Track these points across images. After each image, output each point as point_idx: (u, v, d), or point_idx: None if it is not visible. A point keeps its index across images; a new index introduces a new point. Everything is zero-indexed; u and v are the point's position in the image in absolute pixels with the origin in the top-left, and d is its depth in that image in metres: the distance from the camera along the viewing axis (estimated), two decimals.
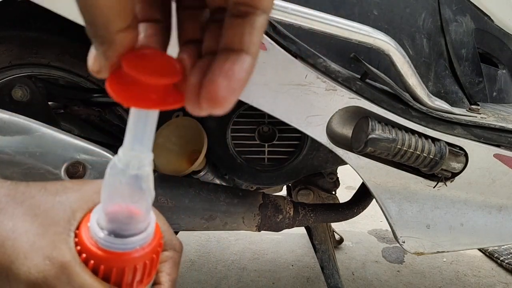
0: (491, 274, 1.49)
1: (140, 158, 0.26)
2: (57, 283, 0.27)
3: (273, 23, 0.62)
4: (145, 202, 0.28)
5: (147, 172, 0.27)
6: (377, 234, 1.74)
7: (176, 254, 0.34)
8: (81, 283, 0.27)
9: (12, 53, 0.90)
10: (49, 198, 0.30)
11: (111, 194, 0.27)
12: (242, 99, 0.66)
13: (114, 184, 0.27)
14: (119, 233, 0.28)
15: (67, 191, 0.31)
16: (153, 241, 0.29)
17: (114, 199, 0.27)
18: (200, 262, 1.46)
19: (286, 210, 0.84)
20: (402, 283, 1.40)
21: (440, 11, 0.79)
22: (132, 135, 0.26)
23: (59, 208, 0.29)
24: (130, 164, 0.26)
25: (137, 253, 0.28)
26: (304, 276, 1.41)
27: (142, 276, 0.29)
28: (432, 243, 0.79)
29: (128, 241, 0.28)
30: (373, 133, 0.66)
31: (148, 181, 0.27)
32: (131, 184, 0.26)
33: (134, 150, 0.26)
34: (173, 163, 0.89)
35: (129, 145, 0.26)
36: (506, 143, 0.73)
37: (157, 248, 0.30)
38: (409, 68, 0.65)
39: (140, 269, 0.29)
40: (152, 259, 0.29)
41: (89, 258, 0.28)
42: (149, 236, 0.29)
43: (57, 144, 0.56)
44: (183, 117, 0.91)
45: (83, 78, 0.94)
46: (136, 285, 0.29)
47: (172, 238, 0.34)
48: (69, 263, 0.27)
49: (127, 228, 0.28)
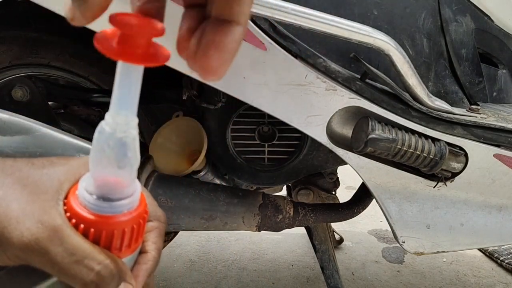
0: (491, 274, 1.49)
1: (126, 121, 0.27)
2: (50, 245, 0.27)
3: (273, 23, 0.62)
4: (132, 167, 0.28)
5: (133, 136, 0.28)
6: (377, 234, 1.74)
7: (161, 225, 0.35)
8: (73, 244, 0.28)
9: (12, 53, 0.90)
10: (36, 171, 0.31)
11: (99, 158, 0.28)
12: (242, 99, 0.66)
13: (102, 148, 0.27)
14: (107, 197, 0.28)
15: (54, 165, 0.32)
16: (139, 206, 0.30)
17: (102, 163, 0.28)
18: (200, 262, 1.46)
19: (286, 210, 0.84)
20: (402, 283, 1.40)
21: (440, 11, 0.79)
22: (117, 100, 0.27)
23: (47, 179, 0.30)
24: (117, 128, 0.27)
25: (125, 217, 0.29)
26: (304, 276, 1.41)
27: (130, 240, 0.30)
28: (432, 243, 0.79)
29: (116, 205, 0.29)
30: (373, 133, 0.66)
31: (134, 145, 0.28)
32: (118, 149, 0.27)
33: (120, 115, 0.27)
34: (173, 163, 0.89)
35: (115, 109, 0.27)
36: (506, 143, 0.73)
37: (144, 214, 0.31)
38: (409, 68, 0.65)
39: (128, 233, 0.30)
40: (139, 224, 0.30)
41: (79, 222, 0.28)
42: (136, 201, 0.30)
43: (57, 144, 0.56)
44: (183, 117, 0.91)
45: (83, 78, 0.94)
46: (125, 250, 0.30)
47: (157, 210, 0.35)
48: (61, 226, 0.28)
49: (114, 193, 0.29)
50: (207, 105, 0.83)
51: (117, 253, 0.30)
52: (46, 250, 0.27)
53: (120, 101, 0.27)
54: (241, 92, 0.65)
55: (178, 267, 1.42)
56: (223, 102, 0.83)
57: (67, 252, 0.27)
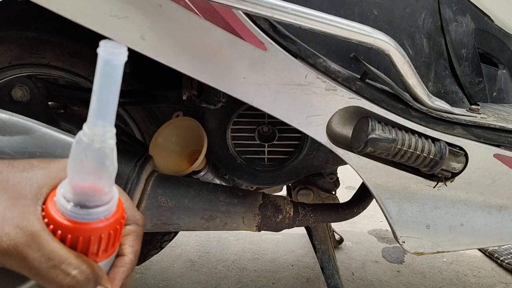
0: (491, 274, 1.49)
1: (103, 132, 0.28)
2: (28, 251, 0.28)
3: (273, 23, 0.62)
4: (109, 176, 0.30)
5: (110, 146, 0.29)
6: (377, 234, 1.74)
7: (139, 228, 0.36)
8: (50, 250, 0.29)
9: (12, 53, 0.90)
10: (16, 174, 0.32)
11: (77, 168, 0.29)
12: (242, 99, 0.66)
13: (80, 158, 0.28)
14: (84, 205, 0.30)
15: (34, 168, 0.33)
16: (116, 213, 0.32)
17: (80, 172, 0.29)
18: (200, 262, 1.46)
19: (286, 210, 0.84)
20: (402, 283, 1.40)
21: (440, 11, 0.79)
22: (95, 111, 0.28)
23: (27, 183, 0.31)
24: (95, 139, 0.28)
25: (101, 223, 0.30)
26: (304, 276, 1.41)
27: (107, 245, 0.31)
28: (432, 243, 0.79)
29: (93, 212, 0.30)
30: (373, 133, 0.66)
31: (111, 155, 0.29)
32: (95, 158, 0.28)
33: (98, 125, 0.28)
34: (173, 163, 0.89)
35: (92, 120, 0.28)
36: (506, 143, 0.73)
37: (121, 220, 0.32)
38: (409, 68, 0.65)
39: (105, 239, 0.31)
40: (116, 230, 0.32)
41: (56, 228, 0.29)
42: (113, 208, 0.31)
43: (57, 144, 0.56)
44: (183, 117, 0.91)
45: (83, 78, 0.94)
46: (101, 254, 0.31)
47: (135, 213, 0.37)
48: (39, 232, 0.29)
49: (91, 200, 0.30)
50: (207, 105, 0.83)
51: (94, 258, 0.31)
52: (24, 255, 0.28)
53: (97, 112, 0.28)
54: (241, 92, 0.65)
55: (178, 267, 1.42)
56: (223, 102, 0.83)
57: (45, 257, 0.28)
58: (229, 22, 0.59)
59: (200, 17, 0.59)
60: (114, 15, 0.57)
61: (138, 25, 0.58)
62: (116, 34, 0.58)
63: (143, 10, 0.58)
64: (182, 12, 0.58)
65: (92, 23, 0.58)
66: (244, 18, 0.60)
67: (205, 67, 0.63)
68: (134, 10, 0.58)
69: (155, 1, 0.57)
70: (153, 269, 1.40)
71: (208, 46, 0.61)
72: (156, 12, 0.58)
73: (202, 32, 0.60)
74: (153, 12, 0.58)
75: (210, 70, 0.63)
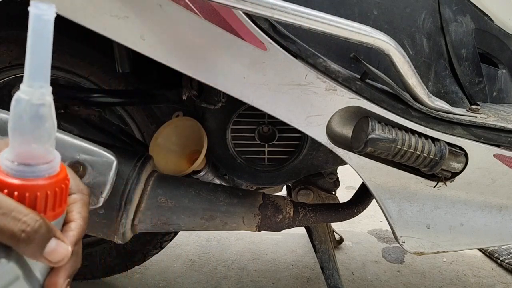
0: (491, 274, 1.49)
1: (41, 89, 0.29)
2: None
3: (273, 23, 0.62)
4: (49, 132, 0.30)
5: (49, 102, 0.30)
6: (377, 234, 1.74)
7: (85, 197, 0.38)
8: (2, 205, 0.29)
9: (12, 53, 0.90)
10: None
11: (18, 126, 0.30)
12: (242, 99, 0.66)
13: (20, 117, 0.29)
14: (28, 163, 0.30)
15: None
16: (60, 172, 0.32)
17: (21, 130, 0.30)
18: (200, 262, 1.46)
19: (286, 210, 0.84)
20: (402, 283, 1.40)
21: (440, 11, 0.79)
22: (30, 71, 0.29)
23: None
24: (33, 96, 0.29)
25: (46, 181, 0.31)
26: (304, 276, 1.41)
27: (54, 204, 0.32)
28: (432, 243, 0.79)
29: (37, 169, 0.31)
30: (373, 133, 0.66)
31: (50, 111, 0.30)
32: (35, 115, 0.29)
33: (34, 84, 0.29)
34: (173, 163, 0.89)
35: (29, 79, 0.29)
36: (506, 143, 0.73)
37: (65, 180, 0.33)
38: (409, 68, 0.65)
39: (51, 196, 0.31)
40: (61, 189, 0.32)
41: (3, 187, 0.30)
42: (57, 167, 0.32)
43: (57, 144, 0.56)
44: (183, 117, 0.91)
45: (83, 78, 0.94)
46: (49, 212, 0.32)
47: (79, 183, 0.38)
48: None
49: (35, 157, 0.31)
50: (207, 105, 0.83)
51: None
52: None
53: (33, 71, 0.29)
54: (241, 92, 0.65)
55: (178, 267, 1.42)
56: (223, 102, 0.83)
57: None
58: (229, 22, 0.59)
59: (200, 17, 0.59)
60: (114, 15, 0.57)
61: (138, 25, 0.58)
62: (116, 34, 0.58)
63: (143, 10, 0.58)
64: (182, 12, 0.58)
65: (92, 23, 0.58)
66: (244, 18, 0.60)
67: (205, 67, 0.63)
68: (134, 10, 0.58)
69: (155, 1, 0.57)
70: (153, 269, 1.40)
71: (208, 46, 0.61)
72: (156, 12, 0.58)
73: (202, 32, 0.60)
74: (153, 12, 0.58)
75: (210, 70, 0.63)
